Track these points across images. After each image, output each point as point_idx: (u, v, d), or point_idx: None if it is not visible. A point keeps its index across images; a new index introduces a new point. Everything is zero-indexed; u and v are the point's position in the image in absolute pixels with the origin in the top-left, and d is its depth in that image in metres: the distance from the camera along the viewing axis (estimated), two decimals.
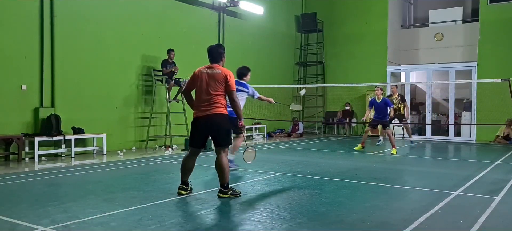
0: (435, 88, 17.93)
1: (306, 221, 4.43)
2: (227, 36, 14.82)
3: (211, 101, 5.28)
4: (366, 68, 17.24)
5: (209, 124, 5.30)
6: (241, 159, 6.56)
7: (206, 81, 5.33)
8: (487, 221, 4.45)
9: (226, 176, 5.32)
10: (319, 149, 12.14)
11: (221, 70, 5.37)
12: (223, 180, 5.34)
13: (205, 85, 5.32)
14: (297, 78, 18.67)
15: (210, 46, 5.59)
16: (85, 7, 10.55)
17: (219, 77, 5.31)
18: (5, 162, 8.98)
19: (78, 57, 10.43)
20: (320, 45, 18.50)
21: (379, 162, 9.56)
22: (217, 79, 5.30)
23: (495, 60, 14.99)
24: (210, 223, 4.29)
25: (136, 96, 11.80)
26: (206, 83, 5.32)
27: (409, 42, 18.17)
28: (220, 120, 5.30)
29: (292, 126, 16.79)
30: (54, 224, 4.19)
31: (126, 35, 11.48)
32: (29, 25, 9.54)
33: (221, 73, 5.34)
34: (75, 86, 10.37)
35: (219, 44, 5.87)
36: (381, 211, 4.91)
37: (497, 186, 6.39)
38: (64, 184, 6.66)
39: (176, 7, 12.99)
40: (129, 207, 4.90)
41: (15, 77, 9.31)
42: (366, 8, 17.59)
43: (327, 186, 6.33)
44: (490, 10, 15.35)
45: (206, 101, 5.30)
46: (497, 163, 9.20)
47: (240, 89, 7.15)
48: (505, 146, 13.46)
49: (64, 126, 9.85)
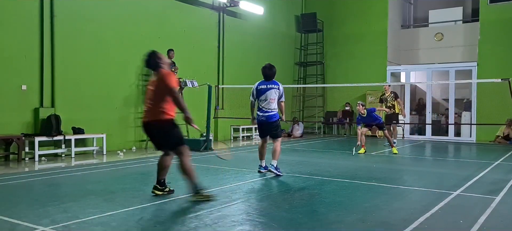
0: (435, 88, 17.92)
1: (306, 221, 4.43)
2: (227, 36, 14.82)
3: None
4: (366, 68, 17.24)
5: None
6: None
7: None
8: (487, 221, 4.44)
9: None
10: (319, 149, 12.14)
11: None
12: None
13: None
14: (297, 78, 18.67)
15: None
16: (85, 7, 10.55)
17: None
18: (5, 162, 8.97)
19: (78, 57, 10.43)
20: (320, 45, 18.50)
21: (379, 162, 9.56)
22: None
23: (495, 60, 14.98)
24: (210, 223, 4.29)
25: (136, 96, 11.80)
26: None
27: (409, 42, 18.17)
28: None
29: (292, 126, 16.78)
30: (54, 224, 4.19)
31: (126, 35, 11.48)
32: (29, 25, 9.54)
33: None
34: (75, 86, 10.37)
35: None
36: (381, 211, 4.91)
37: (497, 186, 6.39)
38: (64, 184, 6.65)
39: (176, 7, 12.99)
40: (129, 207, 4.90)
41: (15, 77, 9.30)
42: (366, 8, 17.59)
43: (327, 186, 6.33)
44: (490, 10, 15.35)
45: None
46: (497, 163, 9.20)
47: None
48: (505, 146, 13.46)
49: (64, 126, 9.85)
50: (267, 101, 7.02)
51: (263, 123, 7.10)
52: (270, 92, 7.05)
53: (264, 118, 7.04)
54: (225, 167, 8.14)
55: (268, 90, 7.06)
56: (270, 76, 7.18)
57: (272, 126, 7.07)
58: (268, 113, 7.02)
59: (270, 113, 7.02)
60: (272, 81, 7.17)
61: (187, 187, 5.28)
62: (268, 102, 7.03)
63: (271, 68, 7.22)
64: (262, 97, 7.07)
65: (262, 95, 7.08)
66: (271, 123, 7.05)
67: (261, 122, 7.11)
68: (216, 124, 14.22)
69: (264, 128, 7.14)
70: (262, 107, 7.06)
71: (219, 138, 14.44)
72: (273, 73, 7.20)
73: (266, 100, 7.03)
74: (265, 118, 7.04)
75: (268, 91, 7.06)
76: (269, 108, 7.02)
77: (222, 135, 14.73)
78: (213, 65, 14.49)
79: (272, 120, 7.04)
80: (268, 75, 7.19)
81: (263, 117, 7.05)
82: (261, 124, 7.14)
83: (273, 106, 7.04)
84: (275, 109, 7.08)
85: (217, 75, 14.60)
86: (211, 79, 13.63)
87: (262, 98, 7.07)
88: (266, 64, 7.28)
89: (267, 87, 7.09)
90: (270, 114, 7.02)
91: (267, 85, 7.12)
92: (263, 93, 7.07)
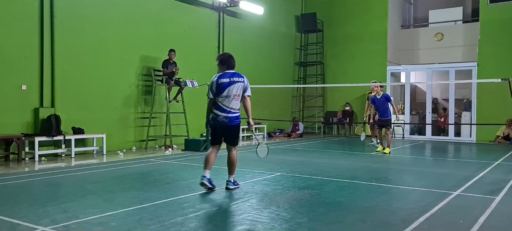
0: (435, 88, 17.93)
1: (306, 221, 4.43)
2: (227, 36, 14.82)
3: None
4: (366, 68, 17.23)
5: None
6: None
7: None
8: (487, 221, 4.45)
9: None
10: (319, 149, 12.14)
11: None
12: None
13: None
14: (297, 78, 18.67)
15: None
16: (85, 7, 10.55)
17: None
18: (5, 162, 8.97)
19: (78, 57, 10.43)
20: (320, 45, 18.50)
21: (379, 162, 9.56)
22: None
23: (495, 60, 14.98)
24: (210, 223, 4.29)
25: (136, 96, 11.80)
26: None
27: (409, 42, 18.17)
28: None
29: (292, 126, 16.78)
30: (54, 224, 4.19)
31: (126, 35, 11.48)
32: (29, 25, 9.54)
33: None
34: (75, 86, 10.37)
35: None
36: (381, 211, 4.91)
37: (497, 186, 6.39)
38: (64, 184, 6.65)
39: (176, 7, 12.99)
40: (129, 207, 4.91)
41: (15, 77, 9.30)
42: (366, 8, 17.59)
43: (327, 186, 6.33)
44: (490, 10, 15.35)
45: None
46: (497, 163, 9.20)
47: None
48: (505, 146, 13.46)
49: (64, 126, 9.85)
50: (230, 98, 5.77)
51: (222, 126, 5.84)
52: (233, 87, 5.79)
53: (226, 119, 5.80)
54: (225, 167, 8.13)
55: (231, 85, 5.78)
56: (233, 66, 5.99)
57: (234, 130, 5.95)
58: (232, 114, 5.81)
59: (233, 114, 5.82)
60: (235, 73, 5.91)
61: None
62: (231, 100, 5.78)
63: (232, 57, 6.07)
64: (224, 94, 5.78)
65: (223, 91, 5.79)
66: (233, 126, 5.87)
67: (220, 125, 5.84)
68: None
69: (222, 131, 5.90)
70: (224, 106, 5.80)
71: None
72: (235, 63, 6.04)
73: (229, 97, 5.77)
74: (227, 119, 5.80)
75: (231, 86, 5.78)
76: (232, 108, 5.80)
77: None
78: (213, 65, 14.38)
79: (235, 123, 5.88)
80: (231, 65, 5.97)
81: (225, 118, 5.80)
82: (219, 126, 5.87)
83: (237, 105, 5.86)
84: (239, 109, 5.92)
85: None
86: (211, 79, 13.59)
87: (224, 95, 5.78)
88: (225, 53, 6.24)
89: (230, 81, 5.80)
90: (234, 116, 5.82)
91: (230, 78, 5.82)
92: (225, 89, 5.79)
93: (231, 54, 6.13)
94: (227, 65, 5.97)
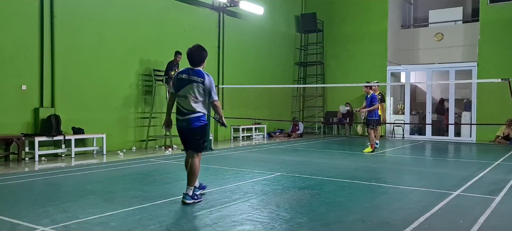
0: (435, 88, 17.93)
1: (306, 221, 4.43)
2: (227, 36, 14.82)
3: None
4: (366, 68, 17.22)
5: None
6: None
7: None
8: (487, 221, 4.45)
9: None
10: (319, 149, 12.14)
11: None
12: None
13: None
14: (297, 78, 18.66)
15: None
16: (85, 7, 10.55)
17: None
18: (5, 162, 8.97)
19: (78, 57, 10.43)
20: (320, 45, 18.50)
21: (379, 162, 9.56)
22: None
23: (495, 60, 14.98)
24: (210, 223, 4.29)
25: (136, 96, 11.80)
26: None
27: (409, 42, 18.17)
28: None
29: (292, 126, 16.78)
30: (54, 224, 4.19)
31: (126, 35, 11.48)
32: (29, 25, 9.54)
33: None
34: (75, 86, 10.37)
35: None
36: (381, 211, 4.91)
37: (497, 186, 6.39)
38: (64, 184, 6.65)
39: (176, 7, 12.99)
40: (129, 207, 4.91)
41: (15, 77, 9.30)
42: (366, 8, 17.59)
43: (327, 186, 6.33)
44: (490, 10, 15.35)
45: None
46: (497, 163, 9.20)
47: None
48: (505, 146, 13.46)
49: (64, 126, 9.85)
50: (188, 100, 5.09)
51: (183, 130, 5.21)
52: (189, 87, 5.08)
53: (184, 122, 5.15)
54: (225, 167, 8.15)
55: (188, 84, 5.10)
56: (196, 61, 5.19)
57: (193, 133, 5.14)
58: (189, 115, 5.11)
59: (191, 115, 5.10)
60: (195, 71, 5.15)
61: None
62: (187, 101, 5.10)
63: (200, 51, 5.23)
64: (180, 93, 5.15)
65: (180, 89, 5.16)
66: (192, 129, 5.12)
67: (180, 128, 5.23)
68: (216, 124, 14.22)
69: (183, 136, 5.27)
70: (181, 107, 5.17)
71: (219, 138, 14.45)
72: (201, 58, 5.22)
73: (186, 98, 5.11)
74: (186, 122, 5.13)
75: (187, 86, 5.10)
76: (190, 109, 5.10)
77: (222, 135, 14.73)
78: (213, 65, 14.48)
79: (195, 125, 5.12)
80: (193, 61, 5.18)
81: (183, 121, 5.14)
82: (180, 130, 5.26)
83: (197, 106, 5.11)
84: (200, 111, 5.13)
85: (217, 75, 14.59)
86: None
87: (181, 94, 5.15)
88: (194, 45, 5.30)
89: (188, 78, 5.11)
90: (192, 117, 5.10)
91: (189, 75, 5.13)
92: (181, 88, 5.14)
93: (198, 45, 5.28)
94: (189, 59, 5.21)
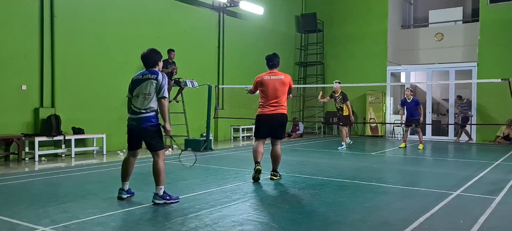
0: (435, 88, 17.92)
1: (306, 221, 4.43)
2: (227, 36, 14.82)
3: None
4: (366, 69, 17.24)
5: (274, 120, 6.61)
6: None
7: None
8: (487, 221, 4.45)
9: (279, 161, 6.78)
10: (319, 149, 12.14)
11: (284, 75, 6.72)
12: (277, 165, 6.80)
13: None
14: (297, 78, 18.65)
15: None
16: (85, 7, 10.55)
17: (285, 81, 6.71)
18: (5, 162, 8.97)
19: (78, 57, 10.43)
20: (320, 45, 18.50)
21: (379, 162, 9.56)
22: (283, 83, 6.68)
23: (495, 60, 14.98)
24: (209, 223, 4.29)
25: None
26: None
27: (409, 42, 18.17)
28: (282, 117, 6.66)
29: (292, 126, 16.78)
30: (54, 224, 4.19)
31: (126, 35, 11.48)
32: (29, 25, 9.54)
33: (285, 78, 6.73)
34: (75, 86, 10.36)
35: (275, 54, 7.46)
36: (381, 211, 4.91)
37: (497, 186, 6.39)
38: (64, 184, 6.66)
39: (176, 7, 12.99)
40: (129, 207, 4.91)
41: (15, 77, 9.30)
42: (366, 8, 17.59)
43: (327, 186, 6.33)
44: (490, 10, 15.35)
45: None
46: (497, 163, 9.20)
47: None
48: (505, 146, 13.46)
49: (64, 126, 9.85)
50: (140, 98, 5.07)
51: (133, 130, 5.17)
52: (143, 85, 5.08)
53: (134, 122, 5.11)
54: (225, 167, 8.15)
55: (142, 82, 5.10)
56: (150, 63, 5.20)
57: (146, 132, 5.08)
58: (141, 115, 5.05)
59: (143, 115, 5.04)
60: (150, 70, 5.16)
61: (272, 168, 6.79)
62: (141, 100, 5.06)
63: (153, 54, 5.22)
64: (134, 93, 5.14)
65: (134, 89, 5.16)
66: (143, 129, 5.06)
67: (131, 128, 5.19)
68: (216, 124, 14.22)
69: (134, 136, 5.23)
70: (133, 106, 5.13)
71: (219, 138, 14.44)
72: (155, 60, 5.22)
73: (139, 97, 5.08)
74: (135, 122, 5.09)
75: (141, 84, 5.10)
76: (142, 108, 5.05)
77: (222, 135, 14.73)
78: (213, 65, 14.49)
79: (145, 124, 5.05)
80: (148, 62, 5.20)
81: (134, 120, 5.11)
82: (130, 130, 5.22)
83: (150, 105, 5.05)
84: (153, 110, 5.08)
85: (217, 75, 14.60)
86: (211, 79, 13.63)
87: (135, 95, 5.14)
88: (148, 48, 5.33)
89: (142, 78, 5.13)
90: (144, 117, 5.04)
91: (143, 75, 5.15)
92: (136, 87, 5.14)
93: (152, 49, 5.28)
94: (144, 62, 5.23)
